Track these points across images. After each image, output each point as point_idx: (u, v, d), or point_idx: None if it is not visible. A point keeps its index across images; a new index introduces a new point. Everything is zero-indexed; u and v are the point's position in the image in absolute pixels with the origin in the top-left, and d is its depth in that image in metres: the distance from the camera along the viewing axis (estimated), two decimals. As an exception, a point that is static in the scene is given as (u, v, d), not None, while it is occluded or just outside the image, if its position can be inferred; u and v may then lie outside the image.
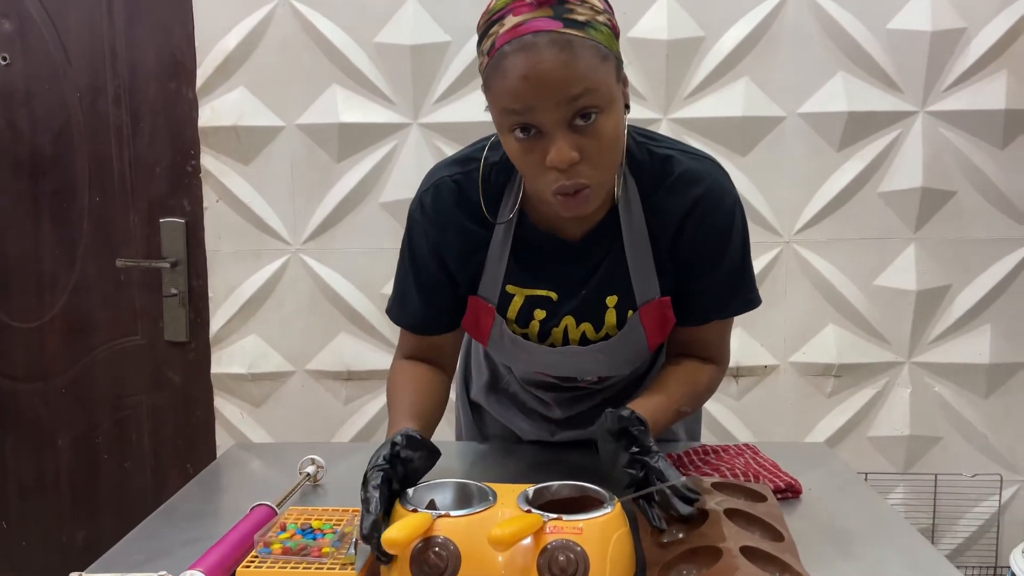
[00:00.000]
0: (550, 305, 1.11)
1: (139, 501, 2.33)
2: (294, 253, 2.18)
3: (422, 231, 1.10)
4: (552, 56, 0.86)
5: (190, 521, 1.11)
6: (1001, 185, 2.08)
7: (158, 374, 2.32)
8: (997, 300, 2.12)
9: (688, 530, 0.94)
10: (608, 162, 0.94)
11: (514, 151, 0.94)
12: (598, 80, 0.88)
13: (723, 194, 1.06)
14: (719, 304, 1.12)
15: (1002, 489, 2.17)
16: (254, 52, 2.12)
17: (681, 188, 1.04)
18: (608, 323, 1.11)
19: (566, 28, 0.87)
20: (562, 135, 0.89)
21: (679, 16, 2.05)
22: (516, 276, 1.10)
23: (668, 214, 1.05)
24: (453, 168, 1.09)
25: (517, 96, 0.88)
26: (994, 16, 2.03)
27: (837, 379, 2.15)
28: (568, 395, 1.28)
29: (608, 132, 0.91)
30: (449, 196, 1.08)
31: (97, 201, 2.27)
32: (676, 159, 1.05)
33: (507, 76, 0.87)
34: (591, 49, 0.88)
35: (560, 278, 1.10)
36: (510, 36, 0.87)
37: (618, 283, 1.09)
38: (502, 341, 1.14)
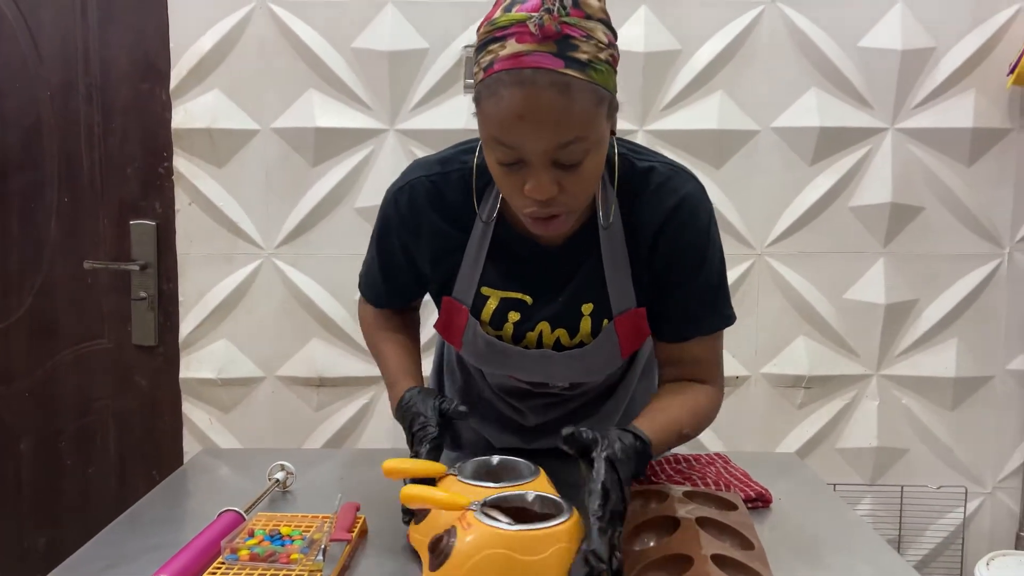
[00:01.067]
0: (524, 308, 1.11)
1: (103, 507, 2.29)
2: (267, 257, 2.16)
3: (394, 228, 1.12)
4: (549, 99, 0.85)
5: (155, 527, 1.09)
6: (968, 202, 2.12)
7: (125, 378, 2.28)
8: (963, 315, 2.16)
9: (659, 538, 0.94)
10: (586, 194, 0.95)
11: (495, 171, 0.94)
12: (589, 126, 0.89)
13: (699, 208, 1.06)
14: (697, 319, 1.11)
15: (967, 501, 2.20)
16: (230, 54, 2.10)
17: (658, 200, 1.04)
18: (583, 331, 1.11)
19: (567, 68, 0.86)
20: (545, 170, 0.89)
21: (656, 29, 2.07)
22: (491, 278, 1.10)
23: (645, 225, 1.06)
24: (432, 168, 1.09)
25: (508, 130, 0.88)
26: (963, 36, 2.07)
27: (807, 391, 2.18)
28: (541, 402, 1.28)
29: (590, 170, 0.92)
30: (424, 196, 1.08)
31: (66, 201, 2.24)
32: (656, 170, 1.06)
33: (501, 106, 0.87)
34: (589, 93, 0.87)
35: (536, 282, 1.10)
36: (510, 64, 0.86)
37: (594, 292, 1.09)
38: (475, 343, 1.13)
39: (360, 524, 1.05)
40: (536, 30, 0.85)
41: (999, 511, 2.22)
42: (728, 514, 1.01)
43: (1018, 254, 2.14)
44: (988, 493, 2.22)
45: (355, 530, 1.02)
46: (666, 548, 0.90)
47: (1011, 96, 2.08)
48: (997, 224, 2.13)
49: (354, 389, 2.19)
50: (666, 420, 1.04)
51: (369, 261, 1.20)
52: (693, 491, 1.06)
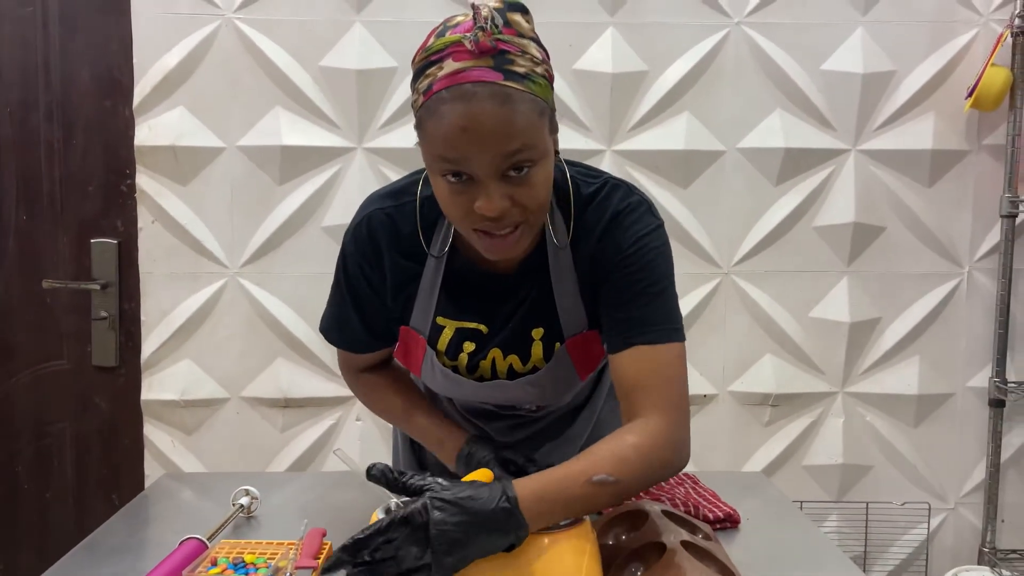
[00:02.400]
0: (479, 338, 1.11)
1: (61, 534, 2.23)
2: (232, 276, 2.13)
3: (356, 262, 1.11)
4: (491, 110, 0.85)
5: (115, 556, 1.06)
6: (928, 222, 2.16)
7: (84, 400, 2.23)
8: (925, 332, 2.19)
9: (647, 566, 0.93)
10: (538, 207, 0.94)
11: (443, 193, 0.93)
12: (534, 135, 0.88)
13: (637, 217, 1.04)
14: (640, 325, 1.00)
15: (930, 517, 2.23)
16: (195, 71, 2.08)
17: (598, 214, 1.04)
18: (535, 355, 1.11)
19: (506, 81, 0.87)
20: (494, 185, 0.89)
21: (623, 50, 2.09)
22: (446, 308, 1.10)
23: (587, 241, 1.04)
24: (385, 201, 1.09)
25: (453, 146, 0.87)
26: (922, 60, 2.12)
27: (774, 408, 2.19)
28: (506, 424, 1.27)
29: (539, 182, 0.91)
30: (380, 229, 1.07)
31: (24, 219, 2.19)
32: (600, 189, 1.05)
33: (443, 123, 0.87)
34: (529, 103, 0.88)
35: (490, 311, 1.10)
36: (449, 82, 0.87)
37: (544, 316, 1.09)
38: (433, 373, 1.14)
39: (327, 551, 1.03)
40: (472, 46, 0.86)
41: (962, 527, 2.25)
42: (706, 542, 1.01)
43: (977, 273, 2.18)
44: (951, 509, 2.25)
45: (321, 557, 1.00)
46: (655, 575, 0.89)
47: (969, 119, 2.13)
48: (956, 244, 2.17)
49: (320, 410, 2.17)
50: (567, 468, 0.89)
51: (338, 305, 1.16)
52: (672, 512, 1.06)
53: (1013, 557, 2.18)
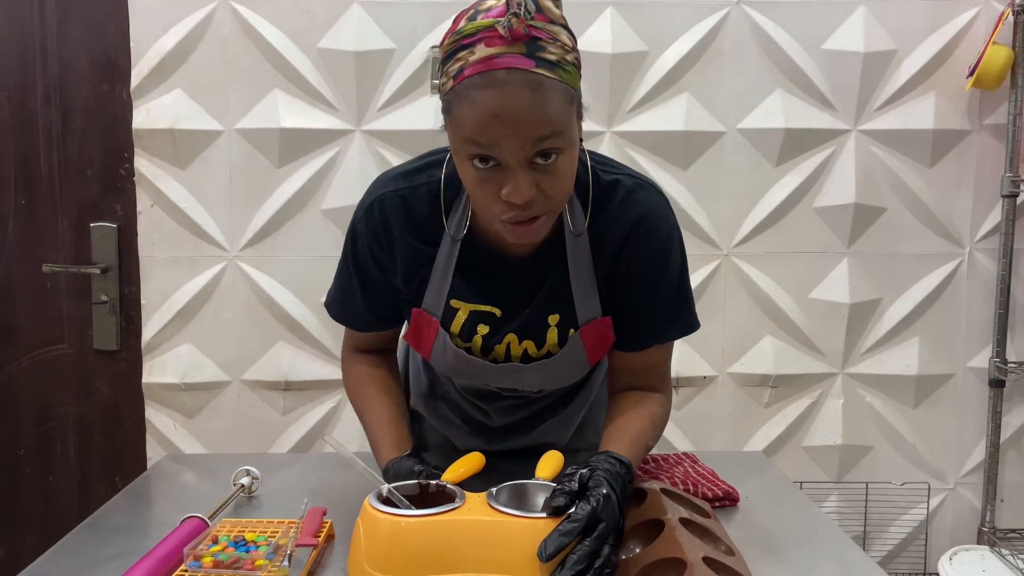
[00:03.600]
0: (494, 321, 1.11)
1: (64, 516, 2.24)
2: (231, 260, 2.13)
3: (365, 243, 1.10)
4: (524, 97, 0.86)
5: (117, 535, 1.07)
6: (929, 202, 2.15)
7: (86, 384, 2.24)
8: (925, 313, 2.19)
9: (645, 543, 0.94)
10: (562, 196, 0.95)
11: (470, 178, 0.93)
12: (564, 123, 0.89)
13: (662, 219, 1.08)
14: (658, 328, 1.13)
15: (930, 497, 2.24)
16: (192, 54, 2.07)
17: (623, 210, 1.06)
18: (550, 341, 1.12)
19: (538, 68, 0.87)
20: (522, 172, 0.89)
21: (623, 30, 2.08)
22: (461, 291, 1.10)
23: (610, 236, 1.07)
24: (399, 182, 1.08)
25: (485, 131, 0.87)
26: (923, 39, 2.11)
27: (774, 390, 2.20)
28: (506, 403, 1.28)
29: (566, 170, 0.93)
30: (393, 212, 1.07)
31: (24, 204, 2.19)
32: (621, 183, 1.07)
33: (475, 109, 0.87)
34: (560, 92, 0.89)
35: (504, 295, 1.10)
36: (482, 67, 0.87)
37: (560, 302, 1.10)
38: (445, 355, 1.13)
39: (327, 529, 1.04)
40: (506, 32, 0.86)
41: (961, 507, 2.26)
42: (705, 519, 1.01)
43: (978, 254, 2.18)
44: (950, 489, 2.26)
45: (321, 535, 1.01)
46: (655, 553, 0.89)
47: (970, 98, 2.12)
48: (957, 224, 2.17)
49: (321, 392, 2.17)
50: (633, 438, 1.06)
51: (343, 281, 1.17)
52: (671, 490, 1.06)
53: (1012, 537, 2.19)
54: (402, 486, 0.94)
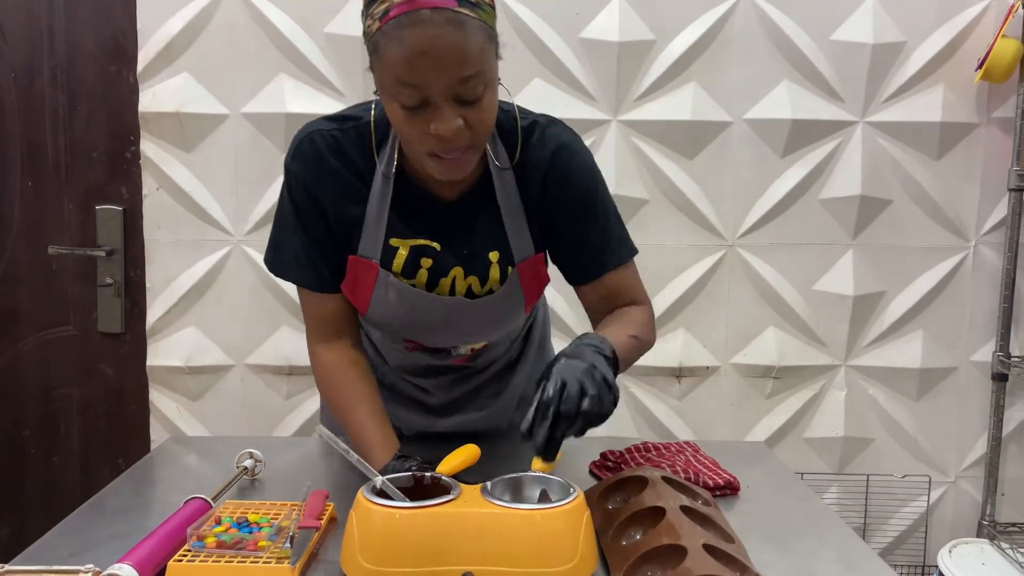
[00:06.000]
0: (435, 254, 1.13)
1: (68, 497, 2.25)
2: (236, 244, 2.14)
3: (300, 181, 1.11)
4: (449, 35, 0.90)
5: (120, 515, 1.08)
6: (935, 195, 2.14)
7: (90, 366, 2.25)
8: (929, 306, 2.19)
9: (646, 530, 0.94)
10: (486, 130, 1.00)
11: (398, 117, 0.97)
12: (486, 61, 0.94)
13: (578, 153, 1.14)
14: (606, 252, 1.17)
15: (930, 490, 2.24)
16: (199, 37, 2.07)
17: (540, 147, 1.11)
18: (492, 278, 1.15)
19: (460, 7, 0.91)
20: (449, 107, 0.93)
21: (630, 18, 2.07)
22: (398, 229, 1.12)
23: (533, 172, 1.12)
24: (330, 123, 1.11)
25: (412, 68, 0.91)
26: (932, 31, 2.09)
27: (776, 381, 2.20)
28: (445, 379, 1.30)
29: (489, 105, 0.97)
30: (324, 145, 1.10)
31: (29, 186, 2.19)
32: (538, 123, 1.13)
33: (403, 48, 0.90)
34: (482, 30, 0.93)
35: (441, 230, 1.13)
36: (407, 7, 0.90)
37: (497, 240, 1.14)
38: (387, 297, 1.13)
39: (329, 512, 1.04)
40: None
41: (962, 500, 2.26)
42: (704, 507, 1.02)
43: (983, 247, 2.17)
44: (951, 482, 2.26)
45: (324, 518, 1.01)
46: (655, 539, 0.90)
47: (979, 91, 2.11)
48: (963, 217, 2.16)
49: (325, 378, 2.17)
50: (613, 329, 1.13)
51: (280, 231, 1.15)
52: (671, 478, 1.07)
53: (1012, 531, 2.19)
54: (396, 478, 0.95)
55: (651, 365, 2.17)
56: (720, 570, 0.82)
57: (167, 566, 0.88)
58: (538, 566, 0.86)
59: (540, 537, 0.87)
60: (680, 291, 2.15)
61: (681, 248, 2.15)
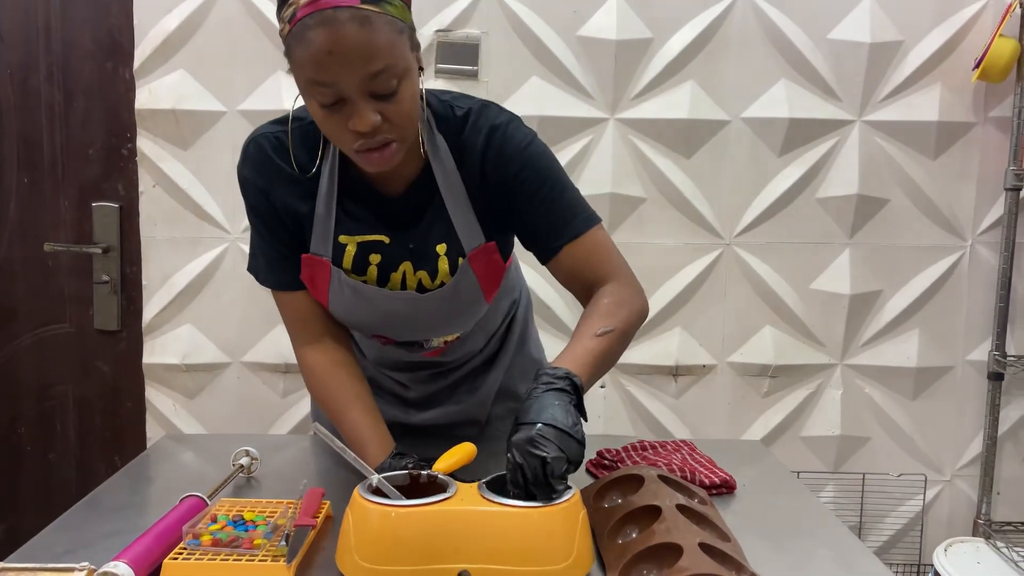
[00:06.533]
0: (384, 248, 1.13)
1: (64, 494, 2.25)
2: (233, 242, 2.13)
3: (252, 184, 1.13)
4: (353, 32, 0.90)
5: (116, 512, 1.08)
6: (932, 194, 2.15)
7: (86, 363, 2.24)
8: (925, 306, 2.19)
9: (642, 528, 0.94)
10: (407, 121, 0.99)
11: (318, 116, 0.98)
12: (396, 54, 0.94)
13: (513, 131, 1.11)
14: (563, 224, 1.12)
15: (926, 489, 2.25)
16: (195, 34, 2.06)
17: (475, 132, 1.10)
18: (442, 271, 1.14)
19: (364, 3, 0.91)
20: (364, 103, 0.94)
21: (628, 17, 2.07)
22: (346, 225, 1.13)
23: (470, 158, 1.11)
24: (275, 126, 1.13)
25: (322, 68, 0.92)
26: (930, 30, 2.10)
27: (773, 379, 2.20)
28: (423, 373, 1.31)
29: (406, 97, 0.97)
30: (269, 146, 1.11)
31: (25, 183, 2.18)
32: (472, 110, 1.12)
33: (311, 48, 0.91)
34: (388, 24, 0.93)
35: (388, 224, 1.14)
36: (311, 9, 0.90)
37: (444, 232, 1.13)
38: (342, 294, 1.14)
39: (325, 510, 1.04)
40: None
41: (957, 499, 2.26)
42: (702, 506, 1.02)
43: (980, 247, 2.18)
44: (947, 481, 2.26)
45: (320, 516, 1.01)
46: (651, 538, 0.90)
47: (976, 90, 2.12)
48: (960, 217, 2.16)
49: (321, 375, 2.17)
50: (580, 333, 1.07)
51: (253, 238, 1.18)
52: (667, 476, 1.07)
53: (1007, 529, 2.19)
54: (392, 476, 0.95)
55: (648, 364, 2.17)
56: (716, 569, 0.82)
57: (163, 564, 0.88)
58: (534, 564, 0.86)
59: (536, 535, 0.87)
60: (677, 290, 2.15)
61: (678, 247, 2.15)
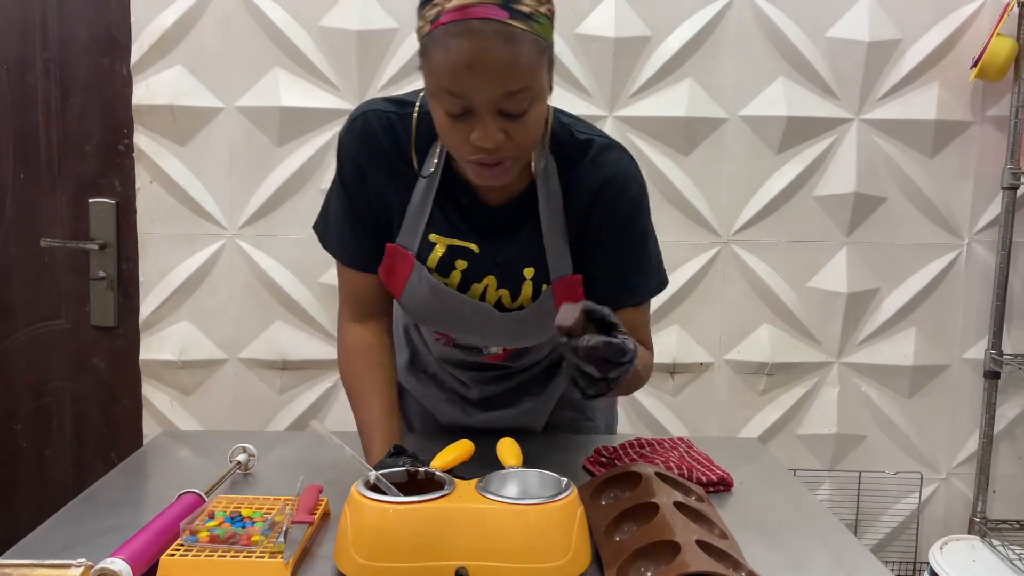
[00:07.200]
0: (472, 256, 1.12)
1: (60, 491, 2.24)
2: (230, 238, 2.13)
3: (352, 156, 1.11)
4: (496, 48, 0.87)
5: (113, 509, 1.07)
6: (929, 193, 2.15)
7: (83, 360, 2.24)
8: (922, 304, 2.19)
9: (640, 525, 0.94)
10: (530, 142, 0.98)
11: (441, 122, 0.96)
12: (534, 76, 0.92)
13: (631, 179, 1.10)
14: (629, 288, 1.13)
15: (922, 487, 2.25)
16: (193, 30, 2.06)
17: (593, 169, 1.08)
18: (524, 295, 1.13)
19: (512, 19, 0.88)
20: (491, 119, 0.92)
21: (627, 15, 2.07)
22: (438, 224, 1.11)
23: (581, 193, 1.09)
24: (388, 105, 1.10)
25: (457, 80, 0.89)
26: (928, 29, 2.10)
27: (770, 377, 2.20)
28: (485, 375, 1.30)
29: (533, 120, 0.95)
30: (379, 127, 1.09)
31: (22, 178, 2.18)
32: (594, 142, 1.10)
33: (449, 57, 0.89)
34: (532, 44, 0.90)
35: (481, 233, 1.12)
36: (457, 16, 0.88)
37: (534, 255, 1.12)
38: (419, 288, 1.13)
39: (322, 507, 1.04)
40: None
41: (953, 497, 2.27)
42: (699, 503, 1.02)
43: (976, 245, 2.18)
44: (943, 479, 2.27)
45: (317, 512, 1.01)
46: (649, 535, 0.90)
47: (973, 89, 2.12)
48: (957, 215, 2.17)
49: (318, 372, 2.17)
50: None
51: (332, 204, 1.16)
52: (665, 474, 1.07)
53: (1003, 527, 2.20)
54: (390, 473, 0.94)
55: (645, 361, 2.17)
56: (713, 566, 0.83)
57: (160, 561, 0.88)
58: (532, 562, 0.86)
59: (534, 533, 0.86)
60: (675, 287, 2.15)
61: (675, 244, 2.15)
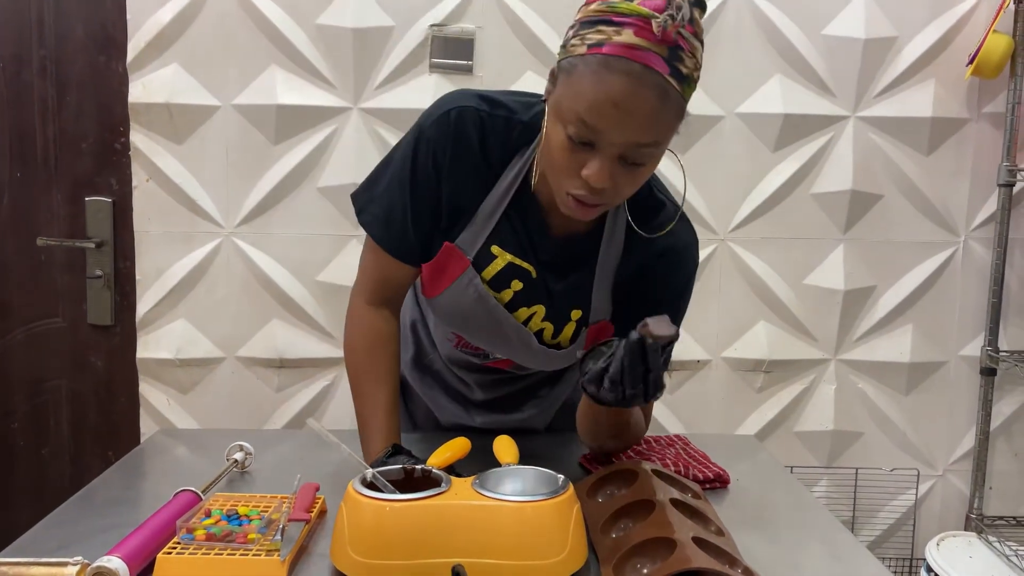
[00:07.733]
0: (529, 279, 1.11)
1: (57, 489, 2.24)
2: (227, 236, 2.13)
3: (431, 149, 1.06)
4: (648, 98, 0.87)
5: (110, 507, 1.07)
6: (926, 190, 2.15)
7: (80, 358, 2.24)
8: (919, 301, 2.20)
9: (636, 522, 0.95)
10: (630, 194, 0.99)
11: (557, 143, 0.93)
12: (667, 137, 0.93)
13: (690, 256, 1.13)
14: None
15: (919, 483, 2.26)
16: (189, 28, 2.05)
17: (665, 232, 1.07)
18: (565, 334, 1.14)
19: (670, 76, 0.88)
20: (611, 161, 0.91)
21: (623, 12, 2.06)
22: (506, 239, 1.09)
23: (642, 251, 1.10)
24: (481, 103, 1.06)
25: (597, 114, 0.88)
26: (924, 26, 2.10)
27: (767, 375, 2.20)
28: (490, 378, 1.30)
29: (643, 175, 0.96)
30: (472, 126, 1.05)
31: (18, 177, 2.17)
32: (667, 208, 1.11)
33: (599, 88, 0.87)
34: (677, 105, 0.90)
35: (542, 258, 1.11)
36: (622, 52, 0.86)
37: (582, 298, 1.12)
38: (463, 294, 1.11)
39: (319, 505, 1.04)
40: (659, 31, 0.86)
41: (950, 493, 2.27)
42: (696, 500, 1.02)
43: (973, 242, 2.18)
44: (939, 476, 2.27)
45: (314, 511, 1.01)
46: (645, 532, 0.90)
47: (969, 86, 2.12)
48: (953, 212, 2.17)
49: (315, 371, 2.17)
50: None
51: (391, 196, 1.09)
52: (661, 471, 1.07)
53: (999, 524, 2.21)
54: (387, 471, 0.95)
55: (642, 359, 2.17)
56: (710, 562, 0.83)
57: (156, 559, 0.88)
58: (528, 559, 0.86)
59: (530, 530, 0.87)
60: (671, 285, 2.15)
61: (673, 242, 2.15)
